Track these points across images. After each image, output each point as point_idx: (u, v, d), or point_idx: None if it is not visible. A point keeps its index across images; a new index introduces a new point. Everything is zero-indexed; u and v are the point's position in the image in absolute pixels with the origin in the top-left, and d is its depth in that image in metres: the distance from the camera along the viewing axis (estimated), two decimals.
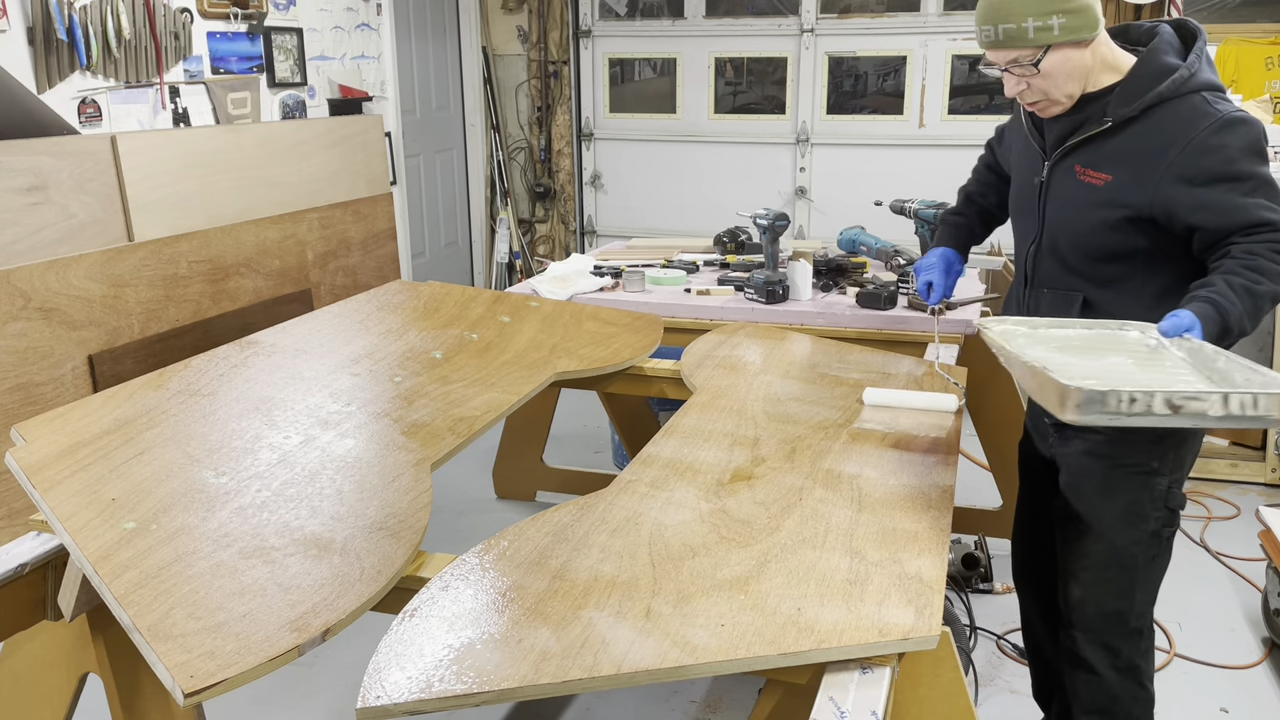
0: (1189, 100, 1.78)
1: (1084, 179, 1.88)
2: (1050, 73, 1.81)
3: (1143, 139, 1.81)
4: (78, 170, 2.93)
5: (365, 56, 5.22)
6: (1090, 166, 1.88)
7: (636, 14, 6.07)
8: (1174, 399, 1.40)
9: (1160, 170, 1.77)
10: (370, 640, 1.34)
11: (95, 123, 3.67)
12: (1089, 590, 2.01)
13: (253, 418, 1.96)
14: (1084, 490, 1.97)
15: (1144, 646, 2.05)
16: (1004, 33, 1.80)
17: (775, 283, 2.98)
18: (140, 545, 1.47)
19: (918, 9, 5.46)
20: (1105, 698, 2.05)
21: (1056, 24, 1.77)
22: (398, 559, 1.51)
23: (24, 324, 2.70)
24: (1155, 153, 1.78)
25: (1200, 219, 1.75)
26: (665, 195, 6.14)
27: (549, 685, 1.23)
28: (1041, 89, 1.85)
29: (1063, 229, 1.94)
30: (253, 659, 1.26)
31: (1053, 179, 1.95)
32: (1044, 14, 1.77)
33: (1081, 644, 2.05)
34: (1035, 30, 1.77)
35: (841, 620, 1.35)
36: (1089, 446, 1.94)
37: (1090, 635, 2.03)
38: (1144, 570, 1.98)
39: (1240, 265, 1.70)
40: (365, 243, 4.09)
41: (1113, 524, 1.95)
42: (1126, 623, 2.00)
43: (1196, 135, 1.74)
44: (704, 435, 2.02)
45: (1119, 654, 2.02)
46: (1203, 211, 1.74)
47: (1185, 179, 1.75)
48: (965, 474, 3.85)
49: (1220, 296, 1.67)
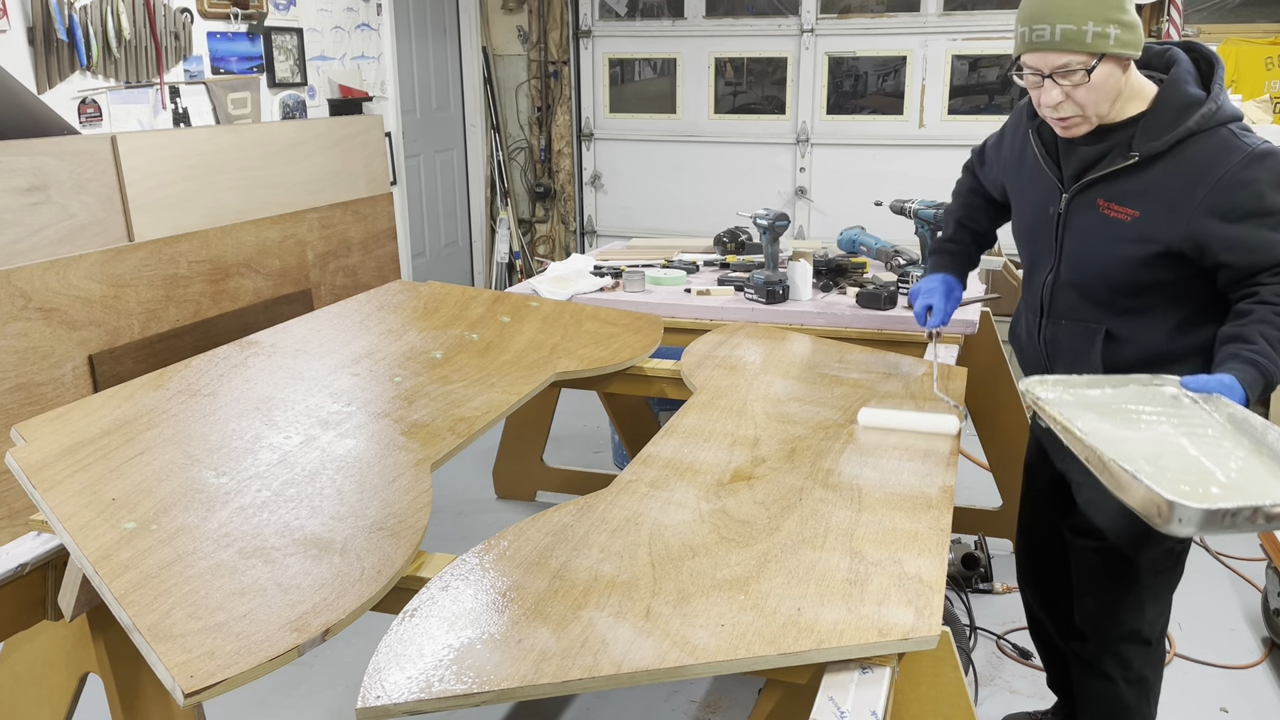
0: (1217, 134, 1.74)
1: (1109, 213, 1.84)
2: (1097, 85, 1.74)
3: (1171, 174, 1.76)
4: (78, 170, 2.93)
5: (365, 56, 5.22)
6: (1115, 201, 1.83)
7: (636, 14, 6.07)
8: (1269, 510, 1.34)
9: (1192, 206, 1.73)
10: (370, 640, 1.34)
11: (95, 123, 3.67)
12: (1104, 604, 2.03)
13: (253, 418, 1.96)
14: (1104, 507, 1.96)
15: (1154, 659, 2.08)
16: (1062, 34, 1.71)
17: (775, 283, 2.98)
18: (140, 545, 1.47)
19: (918, 9, 5.46)
20: (1117, 706, 2.09)
21: (1113, 34, 1.70)
22: (398, 559, 1.51)
23: (24, 324, 2.70)
24: (1185, 188, 1.74)
25: (1231, 256, 1.72)
26: (665, 195, 6.14)
27: (549, 685, 1.23)
28: (1082, 102, 1.76)
29: (1086, 263, 1.90)
30: (253, 659, 1.26)
31: (1073, 212, 1.90)
32: (1104, 20, 1.70)
33: (1096, 655, 2.08)
34: (1094, 36, 1.70)
35: (841, 620, 1.35)
36: None
37: (1105, 647, 2.06)
38: (1157, 584, 2.00)
39: (1272, 312, 1.67)
40: (365, 243, 4.09)
41: (1131, 542, 1.95)
42: (1139, 634, 2.04)
43: (1228, 171, 1.71)
44: (704, 435, 2.02)
45: (1130, 665, 2.05)
46: (1234, 249, 1.71)
47: (1218, 214, 1.72)
48: (965, 474, 3.85)
49: (1261, 356, 1.65)
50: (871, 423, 2.05)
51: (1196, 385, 1.66)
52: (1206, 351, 1.81)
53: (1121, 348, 1.90)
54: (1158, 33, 4.83)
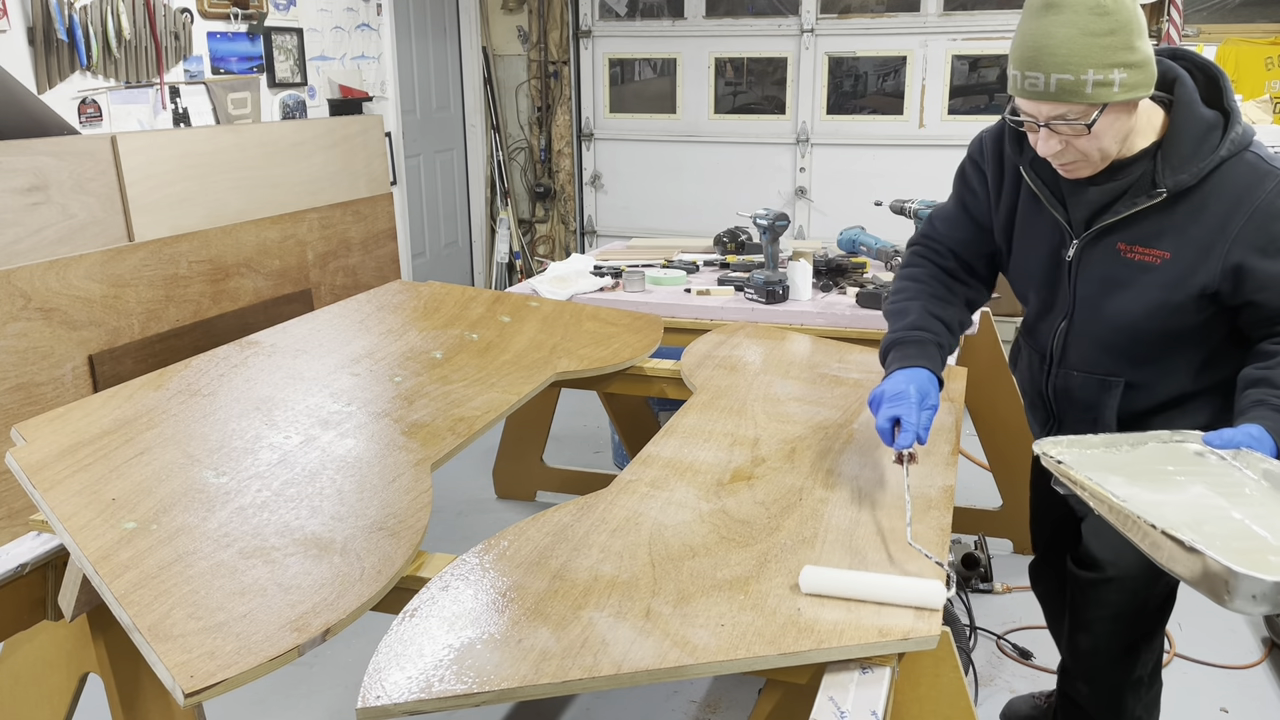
0: (1242, 159, 1.60)
1: (1133, 257, 1.67)
2: (1100, 134, 1.56)
3: (1201, 208, 1.61)
4: (78, 170, 2.93)
5: (365, 56, 5.22)
6: (1140, 244, 1.66)
7: (636, 14, 6.07)
8: None
9: (1228, 240, 1.59)
10: (370, 640, 1.34)
11: (95, 123, 3.68)
12: (1100, 641, 1.93)
13: (253, 418, 1.96)
14: (1108, 539, 1.83)
15: (1148, 700, 1.99)
16: (1058, 84, 1.51)
17: (775, 283, 2.98)
18: (140, 545, 1.47)
19: (918, 9, 5.46)
20: None
21: (1118, 80, 1.50)
22: (398, 559, 1.52)
23: (24, 324, 2.70)
24: (1218, 222, 1.59)
25: (1262, 296, 1.60)
26: (665, 195, 6.14)
27: (549, 685, 1.23)
28: (1084, 150, 1.59)
29: (1108, 314, 1.73)
30: (253, 659, 1.26)
31: (1087, 258, 1.73)
32: (1106, 67, 1.49)
33: (1085, 696, 1.98)
34: (1095, 85, 1.50)
35: (841, 620, 1.35)
36: None
37: (1096, 687, 1.97)
38: (1154, 617, 1.92)
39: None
40: (365, 243, 4.09)
41: (1136, 575, 1.84)
42: (1132, 672, 1.94)
43: (1262, 200, 1.57)
44: (704, 435, 2.02)
45: (1124, 708, 1.96)
46: (1266, 290, 1.59)
47: (1255, 248, 1.58)
48: (965, 474, 3.85)
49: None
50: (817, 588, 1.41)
51: (1223, 442, 1.50)
52: (1226, 389, 1.68)
53: (1138, 395, 1.78)
54: (1157, 33, 4.83)
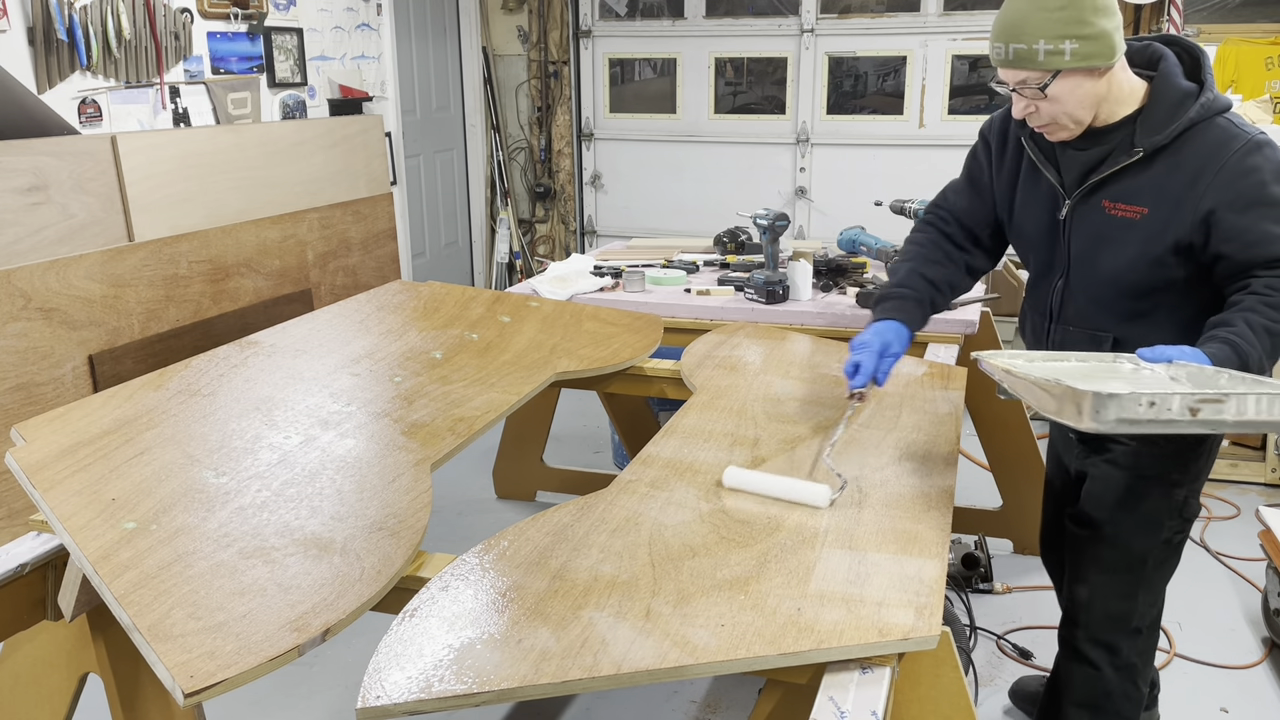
0: (1214, 124, 1.76)
1: (1116, 213, 1.84)
2: (1058, 98, 1.77)
3: (1174, 167, 1.78)
4: (78, 170, 2.93)
5: (365, 56, 5.22)
6: (1121, 200, 1.83)
7: (636, 14, 6.07)
8: (1192, 402, 1.38)
9: (1197, 195, 1.74)
10: (370, 640, 1.34)
11: (95, 123, 3.68)
12: (1096, 591, 2.05)
13: (253, 418, 1.96)
14: (1106, 499, 1.99)
15: (1143, 646, 2.08)
16: (1014, 52, 1.75)
17: (775, 283, 2.98)
18: (140, 545, 1.47)
19: (918, 9, 5.46)
20: (1099, 694, 2.09)
21: (1069, 49, 1.71)
22: (398, 559, 1.51)
23: (24, 324, 2.70)
24: (1189, 179, 1.75)
25: (1230, 248, 1.73)
26: (665, 195, 6.14)
27: (549, 685, 1.23)
28: (1049, 114, 1.80)
29: (1095, 266, 1.90)
30: (253, 659, 1.26)
31: (1078, 217, 1.90)
32: (1057, 38, 1.71)
33: (1083, 642, 2.09)
34: (1046, 54, 1.72)
35: (841, 620, 1.35)
36: (1114, 457, 1.98)
37: (1093, 634, 2.08)
38: (1151, 574, 2.02)
39: (1261, 302, 1.67)
40: (365, 243, 4.09)
41: (1130, 531, 1.98)
42: (1129, 623, 2.04)
43: (1229, 158, 1.72)
44: (704, 435, 2.02)
45: (1119, 652, 2.06)
46: (1235, 240, 1.72)
47: (1223, 203, 1.72)
48: (965, 474, 3.85)
49: (1240, 338, 1.64)
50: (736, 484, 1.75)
51: (1154, 355, 1.65)
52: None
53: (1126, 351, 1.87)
54: (1158, 32, 4.83)
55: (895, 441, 1.98)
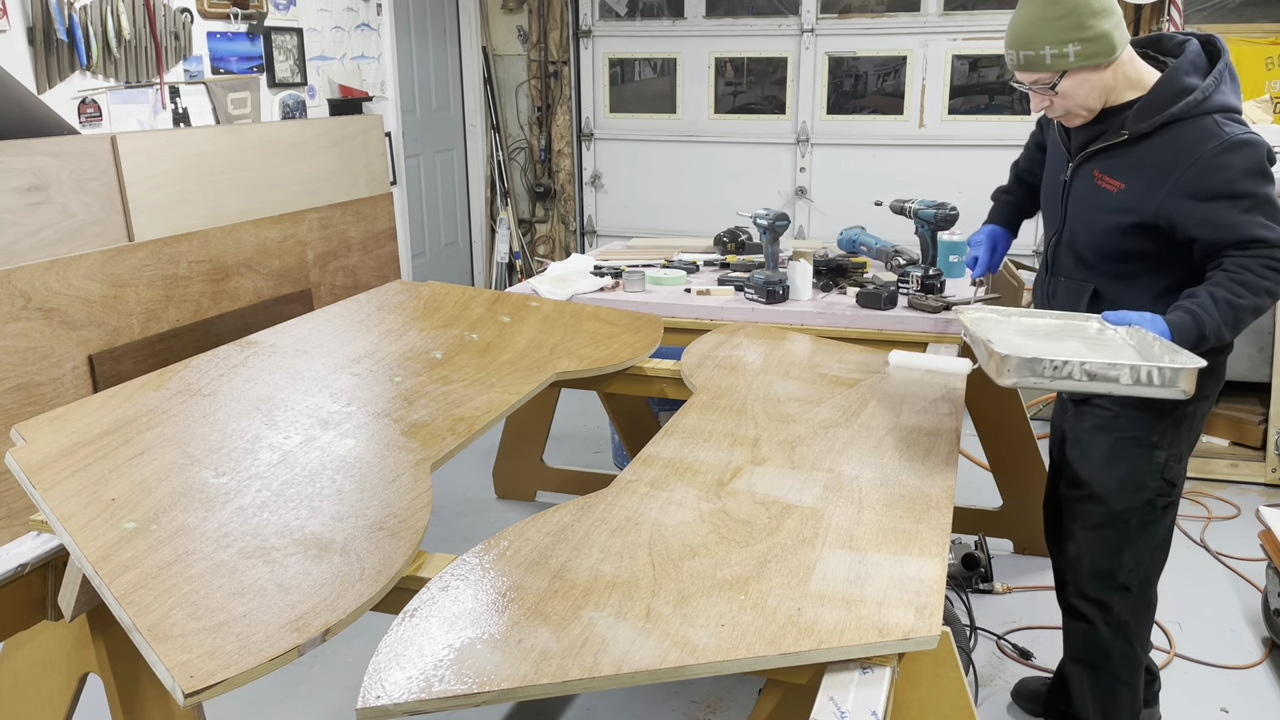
0: (1201, 121, 1.91)
1: (1100, 184, 2.05)
2: (1068, 93, 1.98)
3: (1155, 154, 1.95)
4: (78, 170, 2.93)
5: (365, 56, 5.22)
6: (1107, 173, 2.04)
7: (636, 14, 6.07)
8: (1089, 367, 1.69)
9: (1168, 184, 1.92)
10: (370, 640, 1.34)
11: (95, 123, 3.67)
12: (1083, 548, 2.20)
13: (253, 418, 1.96)
14: (1089, 459, 2.16)
15: (1134, 605, 2.20)
16: (1025, 58, 1.97)
17: (775, 283, 2.98)
18: (140, 545, 1.47)
19: (918, 9, 5.46)
20: (1096, 651, 2.24)
21: (1073, 51, 1.92)
22: (398, 559, 1.51)
23: (24, 324, 2.70)
24: (1165, 168, 1.93)
25: (1200, 232, 1.90)
26: (665, 195, 6.14)
27: (549, 685, 1.23)
28: (1063, 106, 2.01)
29: (1081, 227, 2.11)
30: (253, 659, 1.26)
31: (1075, 180, 2.12)
32: (1060, 43, 1.92)
33: (1075, 598, 2.25)
34: (1052, 58, 1.94)
35: (841, 620, 1.35)
36: (1097, 421, 2.14)
37: (1082, 589, 2.23)
38: (1135, 532, 2.15)
39: (1228, 278, 1.86)
40: (365, 243, 4.09)
41: (1113, 490, 2.13)
42: (1115, 578, 2.18)
43: (1203, 154, 1.88)
44: (704, 435, 2.02)
45: (1109, 609, 2.20)
46: (1203, 226, 1.89)
47: (1190, 194, 1.90)
48: (965, 474, 3.85)
49: (1200, 308, 1.85)
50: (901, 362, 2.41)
51: (1118, 319, 1.93)
52: None
53: (1104, 305, 2.08)
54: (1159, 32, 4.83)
55: (895, 441, 1.98)
